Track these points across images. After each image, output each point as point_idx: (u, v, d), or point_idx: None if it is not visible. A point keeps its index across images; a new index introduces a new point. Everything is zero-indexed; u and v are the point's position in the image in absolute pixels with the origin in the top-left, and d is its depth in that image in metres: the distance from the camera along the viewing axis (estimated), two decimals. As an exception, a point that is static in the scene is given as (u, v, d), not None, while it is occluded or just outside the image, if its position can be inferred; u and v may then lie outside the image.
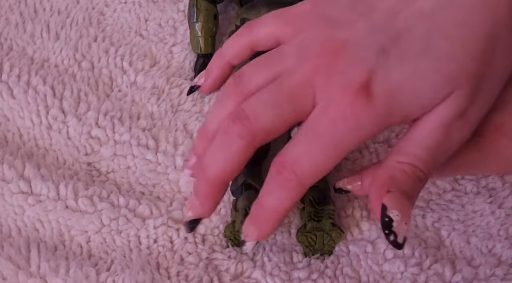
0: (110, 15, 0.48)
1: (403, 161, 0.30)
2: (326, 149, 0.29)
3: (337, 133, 0.29)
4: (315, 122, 0.30)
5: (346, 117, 0.29)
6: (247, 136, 0.31)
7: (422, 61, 0.29)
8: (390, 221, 0.29)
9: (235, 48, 0.36)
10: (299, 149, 0.30)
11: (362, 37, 0.30)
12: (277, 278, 0.38)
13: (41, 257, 0.38)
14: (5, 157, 0.41)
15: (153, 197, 0.41)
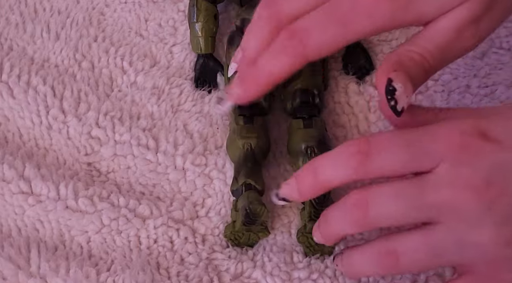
0: (110, 15, 0.48)
1: (413, 50, 0.32)
2: (339, 27, 0.31)
3: (353, 15, 0.30)
4: (337, 1, 0.31)
5: (367, 2, 0.30)
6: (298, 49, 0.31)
7: None
8: (393, 90, 0.30)
9: None
10: (313, 21, 0.31)
11: None
12: (277, 278, 0.38)
13: (41, 257, 0.38)
14: (5, 157, 0.41)
15: (153, 197, 0.41)
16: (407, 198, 0.30)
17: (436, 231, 0.29)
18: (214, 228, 0.40)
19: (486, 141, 0.29)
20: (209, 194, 0.41)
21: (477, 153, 0.29)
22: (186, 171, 0.42)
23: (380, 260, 0.31)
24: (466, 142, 0.29)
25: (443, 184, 0.29)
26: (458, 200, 0.28)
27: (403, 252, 0.30)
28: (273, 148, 0.43)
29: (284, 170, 0.42)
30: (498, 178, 0.28)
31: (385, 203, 0.30)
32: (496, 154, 0.28)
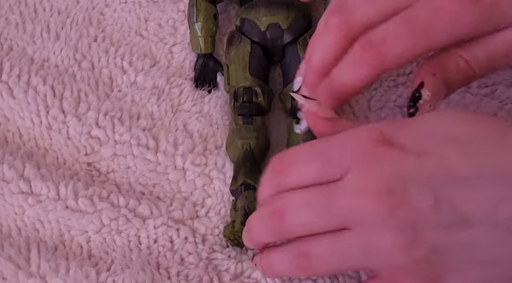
0: (110, 15, 0.48)
1: (462, 55, 0.31)
2: (418, 35, 0.30)
3: (434, 22, 0.30)
4: (416, 9, 0.30)
5: (451, 9, 0.29)
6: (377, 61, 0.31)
7: None
8: (418, 97, 0.31)
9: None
10: (391, 31, 0.30)
11: None
12: (277, 278, 0.38)
13: (41, 257, 0.38)
14: (5, 157, 0.41)
15: (153, 197, 0.41)
16: (317, 207, 0.30)
17: (344, 237, 0.30)
18: (214, 228, 0.40)
19: (389, 147, 0.29)
20: (209, 194, 0.41)
21: (380, 160, 0.28)
22: (186, 171, 0.42)
23: (295, 261, 0.32)
24: (371, 150, 0.29)
25: (349, 192, 0.29)
26: (362, 207, 0.29)
27: (315, 255, 0.31)
28: (273, 148, 0.42)
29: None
30: (399, 185, 0.28)
31: (298, 212, 0.31)
32: (399, 159, 0.28)
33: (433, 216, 0.27)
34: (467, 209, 0.27)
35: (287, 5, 0.43)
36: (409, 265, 0.28)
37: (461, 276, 0.28)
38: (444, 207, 0.27)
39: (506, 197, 0.26)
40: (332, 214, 0.30)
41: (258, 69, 0.43)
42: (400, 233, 0.28)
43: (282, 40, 0.43)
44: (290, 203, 0.31)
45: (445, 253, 0.27)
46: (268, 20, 0.43)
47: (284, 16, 0.43)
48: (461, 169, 0.27)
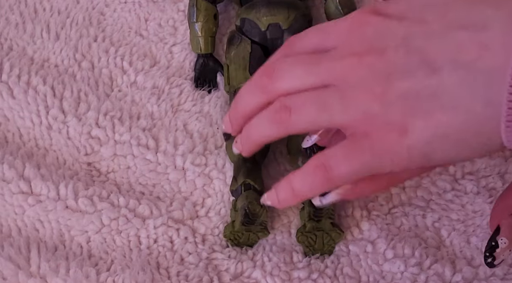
0: (110, 15, 0.48)
1: None
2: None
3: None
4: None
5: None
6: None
7: None
8: (495, 247, 0.33)
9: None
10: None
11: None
12: (277, 278, 0.38)
13: (41, 257, 0.38)
14: (5, 157, 0.41)
15: (153, 197, 0.41)
16: (305, 66, 0.33)
17: (326, 90, 0.32)
18: (214, 228, 0.40)
19: (376, 15, 0.31)
20: (209, 194, 0.41)
21: (365, 25, 0.32)
22: (186, 171, 0.42)
23: (274, 117, 0.33)
24: (359, 19, 0.32)
25: (336, 56, 0.32)
26: (344, 65, 0.31)
27: (294, 106, 0.33)
28: (273, 148, 0.43)
29: (284, 170, 0.42)
30: (379, 44, 0.31)
31: (287, 70, 0.33)
32: (381, 23, 0.31)
33: (404, 66, 0.29)
34: (434, 56, 0.29)
35: (287, 5, 0.43)
36: (381, 112, 0.30)
37: (427, 122, 0.29)
38: (414, 57, 0.29)
39: (469, 43, 0.28)
40: (318, 72, 0.32)
41: (258, 69, 0.43)
42: (375, 83, 0.30)
43: (283, 40, 0.43)
44: (281, 64, 0.34)
45: (413, 99, 0.29)
46: (268, 20, 0.43)
47: (284, 16, 0.43)
48: (434, 26, 0.29)
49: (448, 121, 0.29)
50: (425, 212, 0.41)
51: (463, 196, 0.41)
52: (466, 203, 0.41)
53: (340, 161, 0.31)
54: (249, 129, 0.35)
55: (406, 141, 0.29)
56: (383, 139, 0.30)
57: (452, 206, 0.41)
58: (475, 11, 0.28)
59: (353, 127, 0.31)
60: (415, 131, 0.29)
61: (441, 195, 0.41)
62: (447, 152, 0.29)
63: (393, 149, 0.30)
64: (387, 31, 0.31)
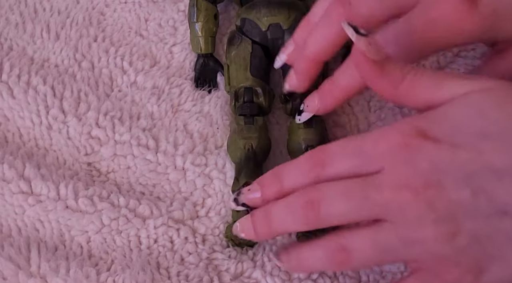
0: (110, 15, 0.48)
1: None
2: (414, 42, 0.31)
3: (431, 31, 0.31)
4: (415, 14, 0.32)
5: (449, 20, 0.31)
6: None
7: None
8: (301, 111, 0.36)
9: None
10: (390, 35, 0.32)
11: None
12: (277, 278, 0.38)
13: (41, 257, 0.38)
14: (5, 157, 0.41)
15: (153, 197, 0.41)
16: (354, 197, 0.30)
17: (382, 229, 0.30)
18: (214, 228, 0.40)
19: (425, 140, 0.29)
20: (209, 194, 0.41)
21: (416, 152, 0.29)
22: (186, 171, 0.42)
23: (332, 257, 0.32)
24: (406, 142, 0.29)
25: (386, 186, 0.29)
26: (398, 200, 0.29)
27: (353, 248, 0.31)
28: (273, 148, 0.43)
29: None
30: (435, 178, 0.28)
31: (334, 201, 0.31)
32: (434, 152, 0.29)
33: (472, 207, 0.28)
34: (505, 200, 0.27)
35: (287, 5, 0.43)
36: (451, 255, 0.28)
37: (504, 264, 0.28)
38: (481, 198, 0.27)
39: None
40: (370, 205, 0.30)
41: (259, 69, 0.43)
42: (440, 224, 0.28)
43: (283, 40, 0.43)
44: (326, 192, 0.31)
45: (487, 242, 0.28)
46: (269, 20, 0.43)
47: (285, 16, 0.43)
48: (495, 161, 0.27)
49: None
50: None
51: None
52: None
53: None
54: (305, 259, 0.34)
55: (481, 281, 0.29)
56: (455, 279, 0.29)
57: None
58: None
59: (419, 264, 0.30)
60: (491, 274, 0.28)
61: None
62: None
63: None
64: (442, 163, 0.28)
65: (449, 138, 0.29)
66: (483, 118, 0.29)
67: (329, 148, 0.32)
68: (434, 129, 0.29)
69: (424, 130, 0.29)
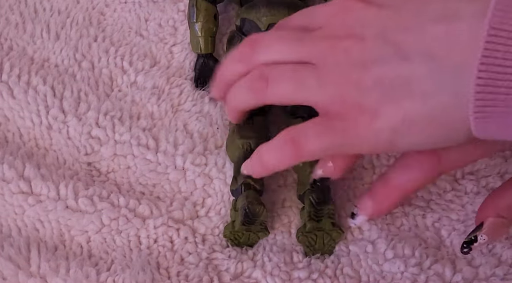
0: (110, 15, 0.48)
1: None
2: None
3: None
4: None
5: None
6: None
7: None
8: (474, 241, 0.35)
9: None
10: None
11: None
12: (277, 278, 0.38)
13: (41, 257, 0.38)
14: (5, 157, 0.41)
15: (153, 197, 0.41)
16: (288, 41, 0.34)
17: (304, 67, 0.33)
18: (214, 228, 0.40)
19: (359, 1, 0.33)
20: (209, 194, 0.41)
21: (349, 11, 0.33)
22: (186, 171, 0.42)
23: (252, 85, 0.35)
24: (343, 4, 0.34)
25: (317, 36, 0.34)
26: (322, 46, 0.33)
27: (272, 78, 0.34)
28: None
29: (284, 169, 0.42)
30: (358, 31, 0.32)
31: (270, 44, 0.35)
32: (363, 11, 0.32)
33: (379, 53, 0.31)
34: (408, 47, 0.30)
35: (287, 5, 0.43)
36: (356, 96, 0.31)
37: (396, 108, 0.30)
38: (390, 45, 0.31)
39: (440, 36, 0.29)
40: (299, 49, 0.34)
41: (258, 69, 0.43)
42: (352, 69, 0.31)
43: (282, 40, 0.43)
44: (264, 36, 0.36)
45: (387, 86, 0.30)
46: (268, 20, 0.43)
47: (285, 16, 0.42)
48: (411, 18, 0.31)
49: (416, 109, 0.30)
50: (425, 212, 0.41)
51: (463, 196, 0.41)
52: (466, 203, 0.41)
53: (311, 138, 0.33)
54: (230, 96, 0.37)
55: (375, 125, 0.31)
56: (355, 121, 0.31)
57: (452, 206, 0.41)
58: (450, 4, 0.30)
59: (327, 107, 0.33)
60: (384, 116, 0.30)
61: (441, 195, 0.41)
62: (413, 139, 0.31)
63: (363, 132, 0.31)
64: (366, 19, 0.32)
65: (380, 1, 0.32)
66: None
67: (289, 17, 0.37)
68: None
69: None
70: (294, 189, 0.41)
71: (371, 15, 0.32)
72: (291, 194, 0.41)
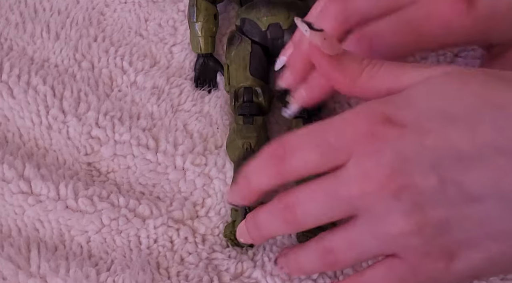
0: (110, 15, 0.48)
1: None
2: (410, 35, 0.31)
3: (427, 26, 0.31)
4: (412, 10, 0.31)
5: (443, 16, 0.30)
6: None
7: None
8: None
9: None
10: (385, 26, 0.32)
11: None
12: (277, 278, 0.38)
13: (41, 257, 0.38)
14: (5, 157, 0.41)
15: (153, 197, 0.41)
16: (323, 198, 0.30)
17: (354, 226, 0.30)
18: (214, 228, 0.40)
19: (391, 126, 0.28)
20: (209, 194, 0.41)
21: (381, 141, 0.28)
22: (186, 171, 0.42)
23: (323, 259, 0.32)
24: (371, 131, 0.29)
25: (352, 179, 0.29)
26: (365, 194, 0.29)
27: (336, 249, 0.31)
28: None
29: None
30: (401, 167, 0.28)
31: (307, 204, 0.31)
32: (400, 140, 0.28)
33: (439, 195, 0.27)
34: (472, 187, 0.27)
35: (287, 5, 0.43)
36: (421, 245, 0.28)
37: (475, 250, 0.28)
38: (449, 186, 0.27)
39: (509, 170, 0.26)
40: (340, 204, 0.30)
41: (259, 69, 0.43)
42: (407, 216, 0.28)
43: (283, 40, 0.43)
44: (299, 196, 0.31)
45: (455, 229, 0.27)
46: (268, 20, 0.43)
47: (285, 16, 0.43)
48: (463, 147, 0.27)
49: (499, 250, 0.28)
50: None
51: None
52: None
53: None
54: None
55: (453, 267, 0.29)
56: (428, 267, 0.29)
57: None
58: (502, 129, 0.26)
59: (388, 253, 0.30)
60: (462, 260, 0.28)
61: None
62: (498, 272, 0.30)
63: (440, 276, 0.29)
64: (408, 151, 0.28)
65: (414, 123, 0.28)
66: (446, 101, 0.28)
67: (288, 139, 0.32)
68: (399, 114, 0.29)
69: (390, 115, 0.29)
70: (294, 189, 0.41)
71: (412, 144, 0.28)
72: (291, 194, 0.41)
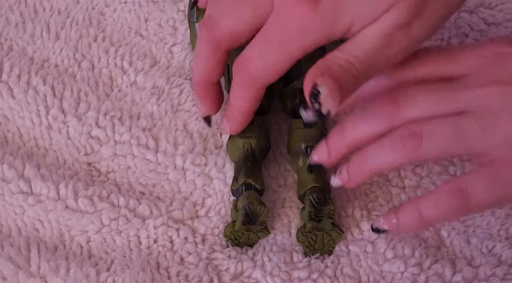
0: (110, 15, 0.48)
1: (339, 56, 0.32)
2: (275, 51, 0.32)
3: (284, 35, 0.32)
4: (267, 25, 0.32)
5: (293, 20, 0.31)
6: (212, 42, 0.35)
7: None
8: (317, 93, 0.31)
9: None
10: (252, 51, 0.33)
11: None
12: (277, 278, 0.38)
13: (41, 257, 0.38)
14: (5, 157, 0.41)
15: (153, 197, 0.41)
16: (438, 93, 0.32)
17: (464, 117, 0.31)
18: (214, 228, 0.40)
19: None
20: (209, 194, 0.41)
21: (502, 55, 0.31)
22: (186, 171, 0.42)
23: (401, 144, 0.32)
24: (495, 50, 0.32)
25: (473, 83, 0.31)
26: (484, 93, 0.31)
27: (427, 133, 0.32)
28: (273, 148, 0.43)
29: (284, 170, 0.42)
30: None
31: (416, 95, 0.33)
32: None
33: None
34: None
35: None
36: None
37: None
38: None
39: None
40: (453, 99, 0.32)
41: (258, 69, 0.42)
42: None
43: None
44: (408, 90, 0.33)
45: None
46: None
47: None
48: None
49: None
50: (425, 212, 0.41)
51: (463, 196, 0.41)
52: (466, 203, 0.41)
53: (482, 190, 0.31)
54: (364, 157, 0.34)
55: None
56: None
57: (452, 206, 0.41)
58: None
59: (496, 155, 0.31)
60: None
61: (441, 195, 0.41)
62: None
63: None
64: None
65: None
66: None
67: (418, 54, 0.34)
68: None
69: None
70: (294, 189, 0.41)
71: None
72: (291, 194, 0.41)
